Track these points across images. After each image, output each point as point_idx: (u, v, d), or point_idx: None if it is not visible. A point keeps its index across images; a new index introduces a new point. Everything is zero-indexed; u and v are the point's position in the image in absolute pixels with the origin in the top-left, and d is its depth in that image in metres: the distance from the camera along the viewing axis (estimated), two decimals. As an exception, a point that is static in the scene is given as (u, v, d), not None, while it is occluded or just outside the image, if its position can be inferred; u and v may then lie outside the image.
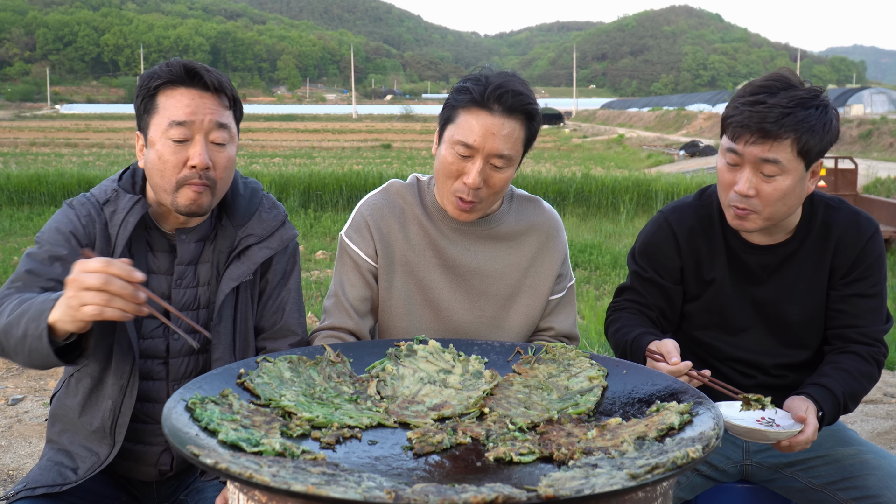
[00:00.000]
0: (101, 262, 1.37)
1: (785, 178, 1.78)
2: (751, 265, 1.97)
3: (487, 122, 1.78)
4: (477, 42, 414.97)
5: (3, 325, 1.53)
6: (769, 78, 1.80)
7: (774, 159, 1.75)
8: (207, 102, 1.72)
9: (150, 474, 1.82)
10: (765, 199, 1.80)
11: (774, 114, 1.72)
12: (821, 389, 1.80)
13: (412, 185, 2.02)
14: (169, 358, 1.80)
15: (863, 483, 1.83)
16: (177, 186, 1.70)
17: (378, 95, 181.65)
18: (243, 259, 1.82)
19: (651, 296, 2.03)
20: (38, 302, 1.49)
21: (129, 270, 1.38)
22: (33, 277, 1.66)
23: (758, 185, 1.79)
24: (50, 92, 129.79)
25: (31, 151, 27.37)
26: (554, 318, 2.04)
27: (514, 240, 2.00)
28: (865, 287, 1.92)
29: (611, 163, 25.22)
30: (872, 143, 28.62)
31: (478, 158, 1.80)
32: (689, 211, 2.02)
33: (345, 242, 1.99)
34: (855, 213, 1.95)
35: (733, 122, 1.78)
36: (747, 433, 1.68)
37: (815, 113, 1.75)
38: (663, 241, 2.02)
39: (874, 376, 1.90)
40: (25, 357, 1.51)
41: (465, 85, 1.83)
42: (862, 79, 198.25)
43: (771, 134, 1.73)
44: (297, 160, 22.49)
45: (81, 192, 1.94)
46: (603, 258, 8.98)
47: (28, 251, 1.72)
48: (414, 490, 1.02)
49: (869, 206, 10.23)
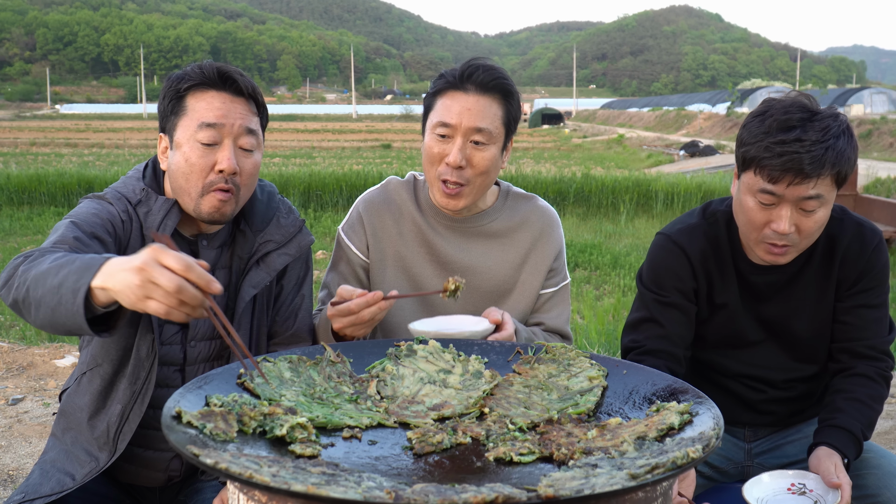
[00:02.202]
0: (182, 265, 1.22)
1: (825, 210, 1.77)
2: (759, 285, 1.95)
3: (462, 100, 1.84)
4: (477, 42, 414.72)
5: (41, 272, 1.37)
6: (788, 109, 1.73)
7: (817, 195, 1.72)
8: (238, 107, 1.71)
9: (157, 480, 1.81)
10: (805, 233, 1.78)
11: (813, 154, 1.68)
12: (840, 433, 1.77)
13: (409, 183, 2.04)
14: (185, 365, 1.78)
15: (862, 482, 1.83)
16: (202, 191, 1.68)
17: (378, 95, 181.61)
18: (262, 266, 1.80)
19: (671, 324, 1.93)
20: (87, 258, 1.34)
21: (208, 280, 1.24)
22: (80, 245, 1.53)
23: (798, 220, 1.76)
24: (50, 92, 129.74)
25: (31, 151, 27.37)
26: (545, 313, 2.04)
27: (507, 236, 2.00)
28: (870, 298, 1.91)
29: (611, 163, 25.21)
30: (872, 143, 28.61)
31: (457, 137, 1.83)
32: (698, 233, 1.96)
33: (340, 236, 2.03)
34: (859, 225, 1.92)
35: (768, 165, 1.71)
36: None
37: (844, 140, 1.72)
38: (678, 265, 1.94)
39: (884, 396, 1.88)
40: (48, 311, 1.35)
41: (441, 73, 1.91)
42: (862, 79, 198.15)
43: (813, 175, 1.69)
44: (297, 160, 22.48)
45: (81, 191, 1.91)
46: (603, 258, 8.98)
47: (70, 220, 1.60)
48: (414, 490, 1.02)
49: (869, 206, 10.23)
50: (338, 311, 1.69)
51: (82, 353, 1.80)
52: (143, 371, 1.70)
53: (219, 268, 1.80)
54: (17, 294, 1.40)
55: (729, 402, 1.99)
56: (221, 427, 1.21)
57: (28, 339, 5.46)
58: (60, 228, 1.57)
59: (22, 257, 1.46)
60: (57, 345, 5.13)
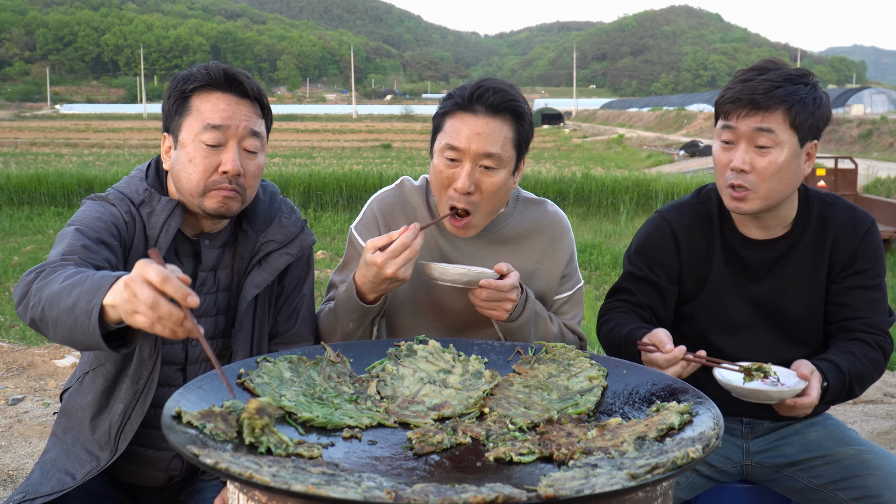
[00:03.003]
0: (159, 277, 1.19)
1: (779, 151, 1.80)
2: (748, 261, 1.97)
3: (472, 123, 1.79)
4: (477, 42, 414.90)
5: (53, 292, 1.37)
6: (760, 62, 1.88)
7: (768, 128, 1.78)
8: (243, 109, 1.71)
9: (158, 479, 1.81)
10: (760, 174, 1.81)
11: (765, 86, 1.78)
12: (826, 363, 1.80)
13: (421, 187, 2.03)
14: (187, 364, 1.78)
15: (863, 483, 1.83)
16: (204, 191, 1.68)
17: (378, 95, 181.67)
18: (264, 266, 1.81)
19: (644, 295, 2.02)
20: (97, 277, 1.34)
21: (184, 293, 1.20)
22: (89, 253, 1.53)
23: (753, 159, 1.81)
24: (50, 92, 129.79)
25: (31, 151, 27.38)
26: (560, 317, 2.03)
27: (519, 242, 1.99)
28: (866, 279, 1.93)
29: (611, 163, 25.23)
30: (872, 143, 28.63)
31: (466, 162, 1.80)
32: (688, 209, 2.03)
33: (353, 235, 2.01)
34: (851, 208, 1.97)
35: (725, 100, 1.83)
36: (749, 393, 1.67)
37: (804, 88, 1.81)
38: (662, 240, 2.01)
39: (880, 363, 1.89)
40: (65, 331, 1.36)
41: (450, 92, 1.87)
42: (862, 79, 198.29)
43: (762, 105, 1.78)
44: (297, 160, 22.50)
45: (81, 191, 1.91)
46: (603, 258, 8.99)
47: (76, 227, 1.60)
48: (414, 490, 1.02)
49: (869, 206, 10.23)
50: (391, 252, 1.68)
51: (84, 353, 1.80)
52: (145, 371, 1.70)
53: (221, 267, 1.81)
54: (33, 314, 1.42)
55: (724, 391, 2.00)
56: (221, 427, 1.22)
57: (28, 339, 5.46)
58: (67, 237, 1.56)
59: (34, 273, 1.46)
60: (57, 345, 5.13)
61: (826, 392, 1.77)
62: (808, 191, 1.98)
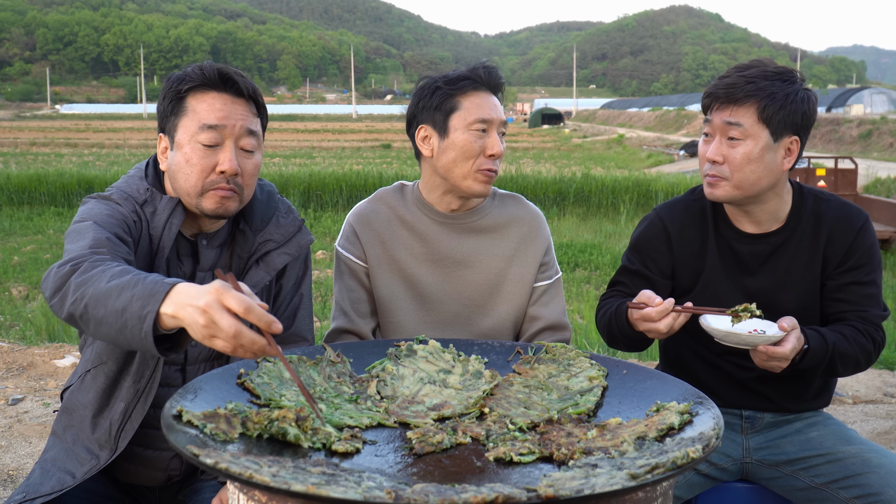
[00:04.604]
0: (242, 307, 1.22)
1: (748, 143, 1.87)
2: (743, 255, 2.00)
3: (490, 98, 2.03)
4: (477, 42, 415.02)
5: (101, 291, 1.35)
6: (749, 61, 1.95)
7: (737, 122, 1.86)
8: (239, 108, 1.71)
9: (157, 479, 1.81)
10: (732, 164, 1.89)
11: (738, 82, 1.87)
12: (812, 331, 1.85)
13: (396, 189, 2.14)
14: (186, 365, 1.78)
15: (864, 481, 1.84)
16: (202, 191, 1.68)
17: (378, 95, 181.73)
18: (262, 265, 1.81)
19: (637, 287, 2.04)
20: (149, 282, 1.32)
21: (268, 322, 1.24)
22: (114, 246, 1.51)
23: (725, 151, 1.89)
24: (50, 92, 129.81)
25: (31, 151, 27.40)
26: (542, 307, 2.10)
27: (497, 231, 2.10)
28: (861, 275, 1.96)
29: (611, 163, 25.23)
30: (872, 143, 28.63)
31: (492, 130, 2.00)
32: (681, 205, 2.09)
33: (339, 252, 2.10)
34: (845, 205, 2.00)
35: (705, 95, 1.94)
36: (727, 336, 1.72)
37: (779, 84, 1.86)
38: (654, 237, 2.07)
39: (868, 351, 1.92)
40: (111, 331, 1.34)
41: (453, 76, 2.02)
42: (862, 79, 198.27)
43: (733, 99, 1.87)
44: (297, 160, 22.50)
45: (81, 191, 1.91)
46: (603, 258, 8.99)
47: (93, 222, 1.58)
48: (414, 490, 1.02)
49: (869, 206, 10.24)
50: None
51: (85, 350, 1.80)
52: (147, 370, 1.70)
53: (218, 267, 1.81)
54: (73, 308, 1.39)
55: (722, 383, 2.05)
56: (222, 427, 1.22)
57: (28, 339, 5.46)
58: (87, 231, 1.54)
59: (69, 266, 1.43)
60: (57, 345, 5.13)
61: (806, 355, 1.80)
62: (801, 187, 2.02)
